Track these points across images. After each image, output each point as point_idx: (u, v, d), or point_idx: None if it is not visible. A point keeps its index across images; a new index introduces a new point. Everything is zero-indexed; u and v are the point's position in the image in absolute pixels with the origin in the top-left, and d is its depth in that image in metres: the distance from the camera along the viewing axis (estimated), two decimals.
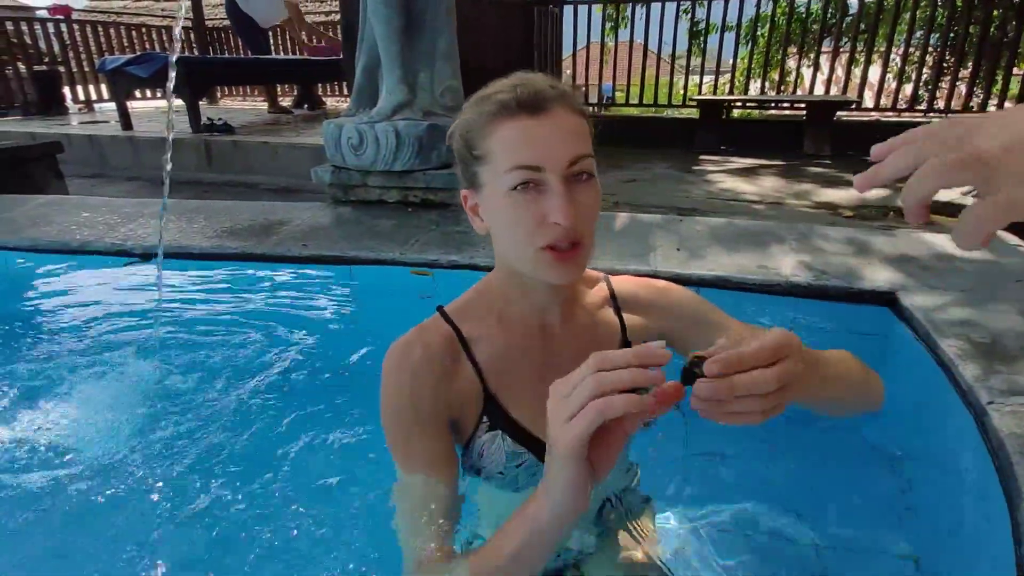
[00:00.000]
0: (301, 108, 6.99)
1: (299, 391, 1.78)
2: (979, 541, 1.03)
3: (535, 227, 0.69)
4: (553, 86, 0.72)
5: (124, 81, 5.18)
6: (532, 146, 0.69)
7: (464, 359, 0.81)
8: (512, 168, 0.69)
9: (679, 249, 1.96)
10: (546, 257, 0.70)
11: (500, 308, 0.83)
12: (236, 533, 1.30)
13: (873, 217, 3.18)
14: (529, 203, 0.69)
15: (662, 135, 5.90)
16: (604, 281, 0.92)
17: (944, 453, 1.23)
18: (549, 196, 0.69)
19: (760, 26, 6.31)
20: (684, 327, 0.89)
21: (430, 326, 0.83)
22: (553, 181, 0.69)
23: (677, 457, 1.42)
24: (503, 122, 0.70)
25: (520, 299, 0.82)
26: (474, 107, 0.74)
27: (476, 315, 0.84)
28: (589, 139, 0.73)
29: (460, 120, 0.76)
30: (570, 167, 0.69)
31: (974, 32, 5.27)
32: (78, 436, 1.58)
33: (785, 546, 1.32)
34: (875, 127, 5.73)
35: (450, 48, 2.60)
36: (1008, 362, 1.20)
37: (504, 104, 0.70)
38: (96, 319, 2.13)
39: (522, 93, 0.69)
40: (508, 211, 0.71)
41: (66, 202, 2.81)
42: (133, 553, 1.24)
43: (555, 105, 0.70)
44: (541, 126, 0.69)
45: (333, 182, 2.66)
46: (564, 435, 0.54)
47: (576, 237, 0.70)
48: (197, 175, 4.75)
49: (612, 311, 0.89)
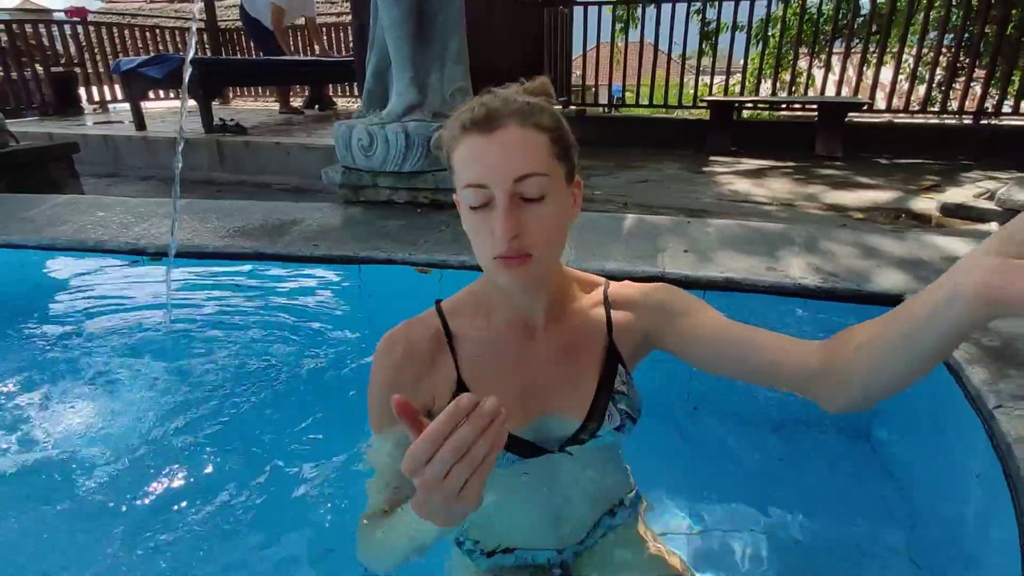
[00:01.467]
0: (313, 109, 7.04)
1: (308, 390, 1.80)
2: (984, 546, 1.02)
3: (487, 239, 0.74)
4: (513, 100, 0.74)
5: (138, 82, 5.24)
6: (479, 164, 0.72)
7: (446, 351, 0.86)
8: (465, 186, 0.74)
9: (687, 251, 1.96)
10: (498, 266, 0.75)
11: (487, 307, 0.88)
12: (245, 531, 1.31)
13: (884, 220, 3.16)
14: (482, 218, 0.74)
15: (673, 136, 5.89)
16: (602, 285, 0.95)
17: (951, 457, 1.23)
18: (495, 211, 0.73)
19: (771, 26, 6.27)
20: (664, 321, 0.90)
21: (420, 319, 0.89)
22: (498, 197, 0.72)
23: (671, 459, 1.43)
24: (461, 140, 0.74)
25: (501, 299, 0.86)
26: (451, 121, 0.78)
27: (466, 311, 0.89)
28: (545, 152, 0.74)
29: (441, 132, 0.81)
30: (516, 184, 0.72)
31: (991, 32, 5.22)
32: (88, 433, 1.61)
33: (784, 548, 1.32)
34: (887, 129, 5.68)
35: (460, 50, 2.61)
36: (1018, 366, 1.20)
37: (463, 123, 0.74)
38: (109, 317, 2.16)
39: (477, 112, 0.73)
40: (468, 223, 0.77)
41: (82, 202, 2.85)
42: (143, 551, 1.26)
43: (508, 122, 0.72)
44: (489, 144, 0.72)
45: (343, 183, 2.68)
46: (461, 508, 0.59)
47: (521, 250, 0.73)
48: (210, 175, 4.80)
49: (602, 312, 0.92)
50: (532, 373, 0.87)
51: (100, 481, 1.44)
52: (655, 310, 0.91)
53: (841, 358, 0.71)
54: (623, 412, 0.88)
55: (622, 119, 6.64)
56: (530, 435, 0.86)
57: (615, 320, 0.91)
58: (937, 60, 5.57)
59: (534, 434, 0.86)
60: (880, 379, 0.68)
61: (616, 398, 0.88)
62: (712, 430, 1.70)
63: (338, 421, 1.65)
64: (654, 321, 0.91)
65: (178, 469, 1.48)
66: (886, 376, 0.67)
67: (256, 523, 1.33)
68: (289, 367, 1.88)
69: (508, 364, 0.87)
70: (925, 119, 5.68)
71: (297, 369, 1.87)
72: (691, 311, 0.89)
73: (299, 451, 1.54)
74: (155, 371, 1.86)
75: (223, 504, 1.37)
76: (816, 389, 0.76)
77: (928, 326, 0.59)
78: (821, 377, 0.74)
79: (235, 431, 1.61)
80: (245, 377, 1.83)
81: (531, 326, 0.87)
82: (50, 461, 1.51)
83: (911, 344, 0.62)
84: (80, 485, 1.43)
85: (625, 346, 0.91)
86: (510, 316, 0.87)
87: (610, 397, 0.88)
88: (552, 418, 0.87)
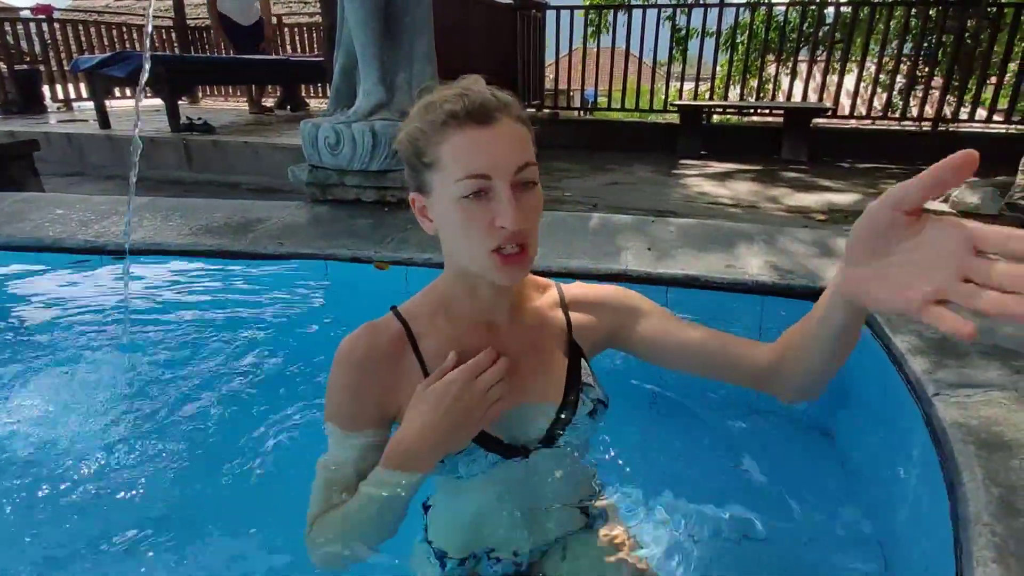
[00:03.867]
0: (284, 109, 6.96)
1: (271, 387, 1.78)
2: (925, 526, 1.06)
3: (485, 232, 0.74)
4: (496, 96, 0.76)
5: (102, 80, 5.14)
6: (481, 155, 0.73)
7: (410, 353, 0.86)
8: (463, 177, 0.73)
9: (650, 249, 2.00)
10: (495, 260, 0.75)
11: (448, 306, 0.88)
12: (208, 527, 1.30)
13: (844, 221, 3.24)
14: (479, 209, 0.73)
15: (645, 139, 5.97)
16: (554, 287, 0.98)
17: (895, 444, 1.27)
18: (497, 202, 0.73)
19: (740, 33, 6.40)
20: (628, 322, 0.96)
21: (380, 324, 0.88)
22: (501, 188, 0.73)
23: (630, 453, 1.44)
24: (452, 131, 0.73)
25: (467, 298, 0.86)
26: (422, 114, 0.77)
27: (426, 312, 0.88)
28: (532, 147, 0.77)
29: (408, 127, 0.79)
30: (517, 174, 0.74)
31: (948, 42, 5.40)
32: (44, 433, 1.57)
33: (742, 541, 1.34)
34: (851, 134, 5.84)
35: (429, 50, 2.63)
36: (957, 357, 1.25)
37: (453, 113, 0.73)
38: (67, 316, 2.11)
39: (470, 103, 0.73)
40: (459, 216, 0.75)
41: (41, 199, 2.79)
42: (102, 552, 1.23)
43: (501, 115, 0.74)
44: (489, 135, 0.73)
45: (310, 181, 2.67)
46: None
47: (523, 239, 0.75)
48: (177, 175, 4.72)
49: (560, 312, 0.95)
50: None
51: (56, 480, 1.41)
52: (617, 311, 0.96)
53: (780, 356, 0.85)
54: (594, 400, 0.92)
55: (595, 123, 6.70)
56: (508, 431, 0.87)
57: (574, 320, 0.94)
58: (897, 68, 5.75)
59: (513, 429, 0.87)
60: (805, 372, 0.82)
61: (584, 389, 0.91)
62: (671, 422, 1.73)
63: (302, 417, 1.64)
64: (616, 322, 0.95)
65: (130, 468, 1.45)
66: (807, 368, 0.81)
67: (217, 519, 1.31)
68: (250, 364, 1.86)
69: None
70: (887, 125, 5.85)
71: (259, 366, 1.85)
72: (651, 313, 0.95)
73: (259, 449, 1.53)
74: (110, 370, 1.83)
75: (178, 498, 1.36)
76: (769, 384, 0.88)
77: (824, 326, 0.74)
78: (772, 374, 0.86)
79: (191, 429, 1.59)
80: (204, 375, 1.80)
81: (495, 325, 0.88)
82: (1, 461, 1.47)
83: (816, 342, 0.77)
84: (37, 486, 1.40)
85: (585, 343, 0.94)
86: (474, 316, 0.87)
87: (579, 388, 0.91)
88: (530, 407, 0.88)
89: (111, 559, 1.22)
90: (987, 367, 1.20)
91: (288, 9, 11.46)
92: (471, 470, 0.85)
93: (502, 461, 0.86)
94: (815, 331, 0.76)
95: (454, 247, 0.80)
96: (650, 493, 1.45)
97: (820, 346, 0.76)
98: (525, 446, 0.88)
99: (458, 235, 0.77)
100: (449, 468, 0.85)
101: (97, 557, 1.22)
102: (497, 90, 0.77)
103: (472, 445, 0.83)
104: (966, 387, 1.13)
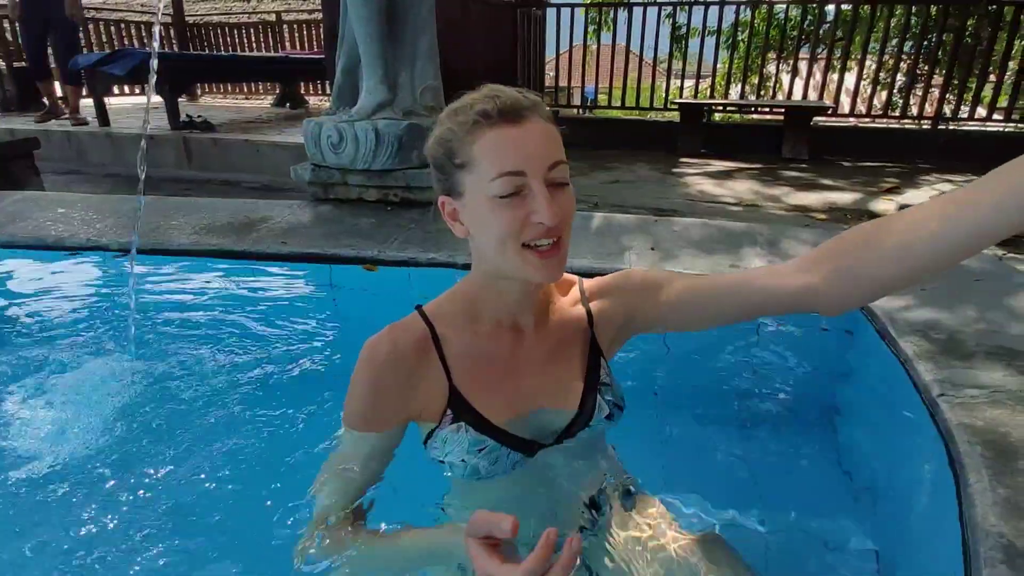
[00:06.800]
0: (284, 107, 6.96)
1: (275, 386, 1.78)
2: (932, 527, 1.07)
3: (520, 228, 0.74)
4: (525, 96, 0.77)
5: (101, 78, 5.12)
6: (515, 152, 0.73)
7: (434, 356, 0.85)
8: (498, 175, 0.73)
9: (653, 249, 2.00)
10: (530, 257, 0.75)
11: (474, 308, 0.87)
12: (204, 528, 1.30)
13: (845, 220, 3.25)
14: (514, 207, 0.74)
15: (645, 138, 5.96)
16: (577, 282, 0.98)
17: (901, 445, 1.28)
18: (532, 198, 0.73)
19: (740, 31, 6.40)
20: (646, 296, 0.94)
21: (405, 324, 0.87)
22: (535, 184, 0.73)
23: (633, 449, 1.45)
24: (485, 131, 0.74)
25: (494, 301, 0.86)
26: (452, 117, 0.77)
27: (451, 313, 0.88)
28: (562, 146, 0.78)
29: (439, 130, 0.80)
30: (550, 171, 0.74)
31: (948, 40, 5.40)
32: (47, 432, 1.58)
33: (746, 541, 1.35)
34: (851, 132, 5.84)
35: (431, 48, 2.62)
36: (962, 358, 1.25)
37: (485, 113, 0.74)
38: (70, 315, 2.11)
39: (501, 103, 0.74)
40: (494, 215, 0.74)
41: (43, 198, 2.78)
42: (102, 552, 1.23)
43: (531, 114, 0.75)
44: (521, 133, 0.74)
45: (313, 180, 2.67)
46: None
47: (558, 235, 0.76)
48: (177, 172, 4.72)
49: (582, 307, 0.95)
50: (523, 374, 0.88)
51: (58, 480, 1.41)
52: (633, 291, 0.95)
53: (850, 255, 0.77)
54: (610, 403, 0.92)
55: (596, 120, 6.69)
56: (527, 432, 0.87)
57: (594, 312, 0.95)
58: (898, 66, 5.75)
59: (531, 431, 0.87)
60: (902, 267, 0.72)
61: (602, 390, 0.91)
62: (673, 418, 1.73)
63: (305, 416, 1.64)
64: (633, 301, 0.95)
65: (133, 467, 1.45)
66: (908, 264, 0.71)
67: (221, 518, 1.31)
68: (254, 364, 1.86)
69: (500, 367, 0.87)
70: (887, 123, 5.85)
71: (262, 366, 1.85)
72: (670, 279, 0.93)
73: (263, 447, 1.53)
74: (114, 370, 1.82)
75: (179, 500, 1.36)
76: (816, 298, 0.80)
77: (998, 212, 0.62)
78: (824, 283, 0.79)
79: (195, 427, 1.59)
80: (207, 375, 1.80)
81: (520, 327, 0.88)
82: (4, 463, 1.48)
83: (956, 227, 0.66)
84: (38, 484, 1.40)
85: (605, 337, 0.95)
86: (500, 318, 0.87)
87: (597, 390, 0.91)
88: (548, 412, 0.89)
89: (111, 559, 1.22)
90: (992, 368, 1.21)
91: (287, 6, 11.42)
92: (492, 471, 0.86)
93: (523, 460, 0.86)
94: (973, 217, 0.65)
95: (487, 247, 0.78)
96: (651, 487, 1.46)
97: (960, 231, 0.65)
98: (540, 443, 0.88)
99: (492, 234, 0.76)
100: (470, 471, 0.85)
101: (97, 557, 1.22)
102: (526, 91, 0.78)
103: (493, 443, 0.84)
104: (971, 388, 1.14)
